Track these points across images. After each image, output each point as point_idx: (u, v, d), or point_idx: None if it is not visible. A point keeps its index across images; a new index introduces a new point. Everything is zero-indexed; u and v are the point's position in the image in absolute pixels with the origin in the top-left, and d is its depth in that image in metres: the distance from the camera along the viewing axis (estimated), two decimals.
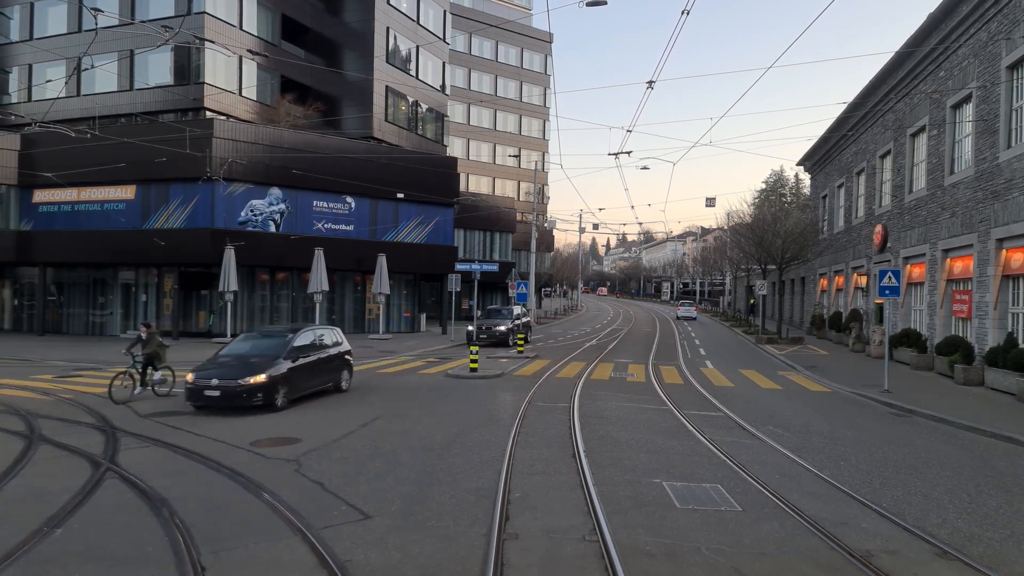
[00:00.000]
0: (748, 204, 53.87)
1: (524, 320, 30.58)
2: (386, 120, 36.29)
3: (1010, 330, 16.79)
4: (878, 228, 26.33)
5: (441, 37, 42.22)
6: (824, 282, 36.30)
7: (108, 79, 31.23)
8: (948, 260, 20.55)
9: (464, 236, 46.04)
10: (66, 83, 30.99)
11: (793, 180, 66.33)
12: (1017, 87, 17.05)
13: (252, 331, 15.48)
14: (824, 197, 37.88)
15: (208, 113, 30.15)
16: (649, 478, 8.41)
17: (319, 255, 28.12)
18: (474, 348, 18.80)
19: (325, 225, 30.44)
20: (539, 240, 49.02)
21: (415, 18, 39.18)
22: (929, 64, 21.85)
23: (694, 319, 52.43)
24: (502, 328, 28.10)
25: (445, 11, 42.86)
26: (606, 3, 15.71)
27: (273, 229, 29.11)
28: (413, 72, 38.95)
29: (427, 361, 22.15)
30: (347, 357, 15.49)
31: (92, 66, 30.26)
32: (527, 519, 6.83)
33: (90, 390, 14.93)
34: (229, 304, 26.94)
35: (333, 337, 15.26)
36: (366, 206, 31.58)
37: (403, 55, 38.13)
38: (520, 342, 25.03)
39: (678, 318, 52.87)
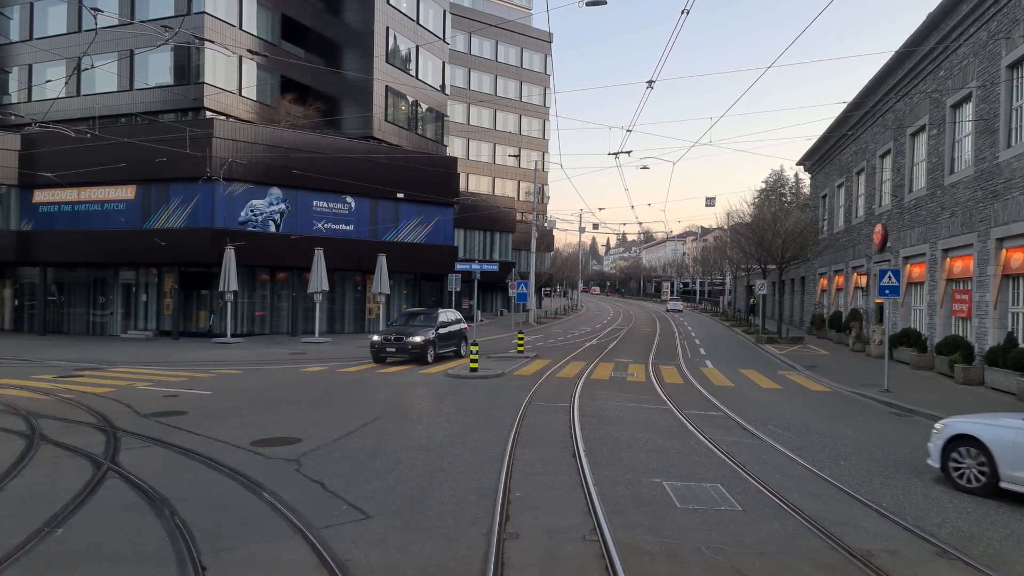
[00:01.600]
0: (748, 204, 53.97)
1: (455, 328, 23.22)
2: (386, 120, 36.30)
3: (1010, 330, 16.79)
4: (878, 228, 26.34)
5: (441, 37, 42.23)
6: (824, 282, 36.30)
7: (108, 79, 31.24)
8: (948, 260, 20.55)
9: (464, 236, 46.05)
10: (66, 83, 31.01)
11: (793, 180, 66.32)
12: (1017, 86, 17.05)
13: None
14: (824, 197, 37.88)
15: (208, 113, 30.16)
16: (649, 478, 8.42)
17: (319, 255, 28.14)
18: (474, 348, 18.79)
19: (325, 225, 30.45)
20: (539, 240, 49.05)
21: (415, 18, 39.19)
22: (929, 63, 21.85)
23: (680, 311, 67.62)
24: (417, 339, 20.84)
25: (445, 11, 42.87)
26: (606, 3, 15.72)
27: (273, 229, 29.12)
28: (413, 72, 38.96)
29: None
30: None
31: (92, 66, 30.28)
32: (527, 519, 6.83)
33: (91, 390, 14.93)
34: (229, 304, 26.96)
35: None
36: (366, 206, 31.59)
37: (403, 55, 38.14)
38: (520, 342, 25.01)
39: (667, 311, 67.96)
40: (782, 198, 62.01)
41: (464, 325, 24.24)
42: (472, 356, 18.55)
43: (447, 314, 23.32)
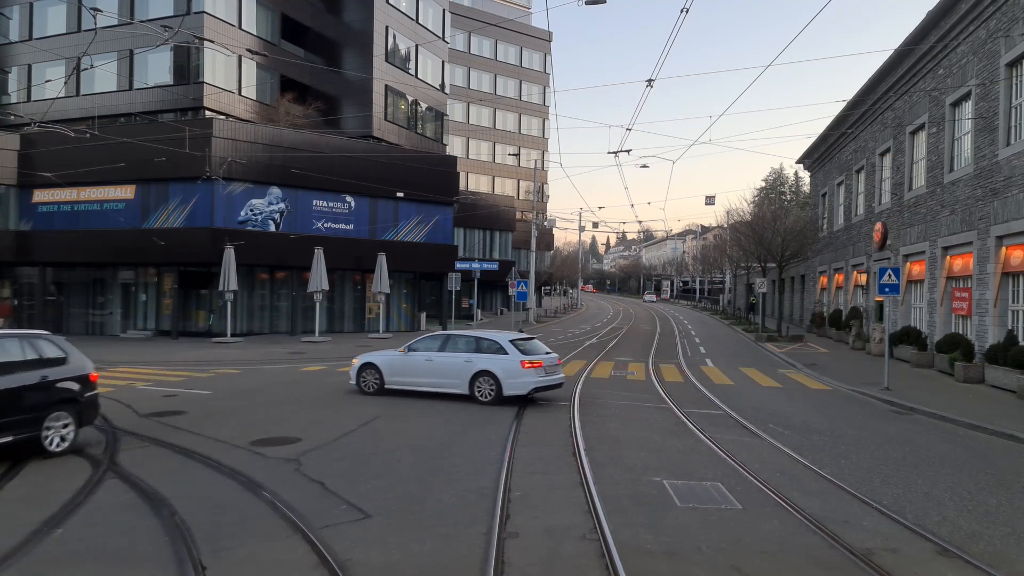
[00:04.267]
0: (748, 202, 53.78)
1: (39, 379, 9.04)
2: (386, 119, 36.26)
3: (1010, 327, 16.77)
4: (878, 226, 26.32)
5: (440, 36, 42.19)
6: (824, 280, 36.29)
7: (108, 79, 31.21)
8: (948, 258, 20.54)
9: (464, 235, 46.01)
10: (65, 83, 30.96)
11: (793, 178, 66.22)
12: (1016, 84, 17.04)
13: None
14: (824, 195, 37.86)
15: (208, 112, 30.13)
16: (649, 476, 8.41)
17: (319, 254, 28.11)
18: None
19: (325, 224, 30.43)
20: (539, 239, 49.02)
21: (414, 17, 39.15)
22: (928, 62, 21.83)
23: (654, 302, 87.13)
24: None
25: (444, 10, 42.84)
26: (605, 2, 15.67)
27: (273, 228, 29.09)
28: (413, 71, 38.93)
29: None
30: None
31: (92, 66, 30.23)
32: (527, 518, 6.82)
33: None
34: (229, 304, 26.93)
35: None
36: (366, 205, 31.56)
37: (403, 54, 38.11)
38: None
39: (644, 301, 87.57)
40: (782, 196, 61.89)
41: (70, 368, 9.66)
42: None
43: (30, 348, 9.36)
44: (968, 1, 18.50)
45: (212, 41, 29.58)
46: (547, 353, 14.08)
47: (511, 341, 13.74)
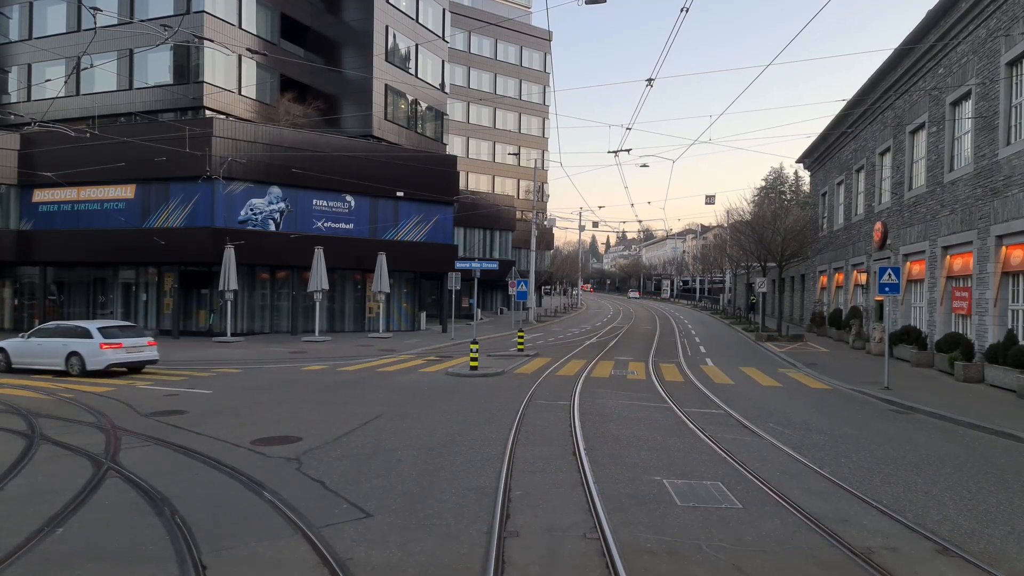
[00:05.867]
0: (748, 202, 53.76)
1: None
2: (386, 119, 36.27)
3: (1010, 327, 16.78)
4: (878, 225, 26.32)
5: (440, 35, 42.18)
6: (824, 279, 36.29)
7: (107, 78, 31.23)
8: (948, 257, 20.54)
9: (464, 234, 46.03)
10: (65, 82, 30.98)
11: (793, 177, 66.20)
12: (1016, 84, 17.04)
13: None
14: (824, 194, 37.87)
15: (208, 112, 30.14)
16: (650, 476, 8.42)
17: (319, 254, 28.13)
18: (474, 347, 18.79)
19: (325, 224, 30.44)
20: (539, 238, 49.04)
21: (414, 16, 39.15)
22: (928, 61, 21.83)
23: (638, 298, 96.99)
24: None
25: (444, 9, 42.83)
26: (605, 1, 15.68)
27: (273, 228, 29.11)
28: (412, 71, 38.93)
29: (427, 359, 22.15)
30: None
31: (91, 65, 30.24)
32: (528, 517, 6.83)
33: (91, 389, 14.93)
34: (229, 303, 26.96)
35: None
36: (366, 205, 31.58)
37: (402, 54, 38.11)
38: (520, 340, 25.00)
39: (628, 297, 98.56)
40: (782, 196, 61.84)
41: None
42: (472, 354, 18.57)
43: None
44: (968, 0, 18.50)
45: (212, 40, 29.60)
46: (135, 337, 17.77)
47: (98, 328, 17.27)
